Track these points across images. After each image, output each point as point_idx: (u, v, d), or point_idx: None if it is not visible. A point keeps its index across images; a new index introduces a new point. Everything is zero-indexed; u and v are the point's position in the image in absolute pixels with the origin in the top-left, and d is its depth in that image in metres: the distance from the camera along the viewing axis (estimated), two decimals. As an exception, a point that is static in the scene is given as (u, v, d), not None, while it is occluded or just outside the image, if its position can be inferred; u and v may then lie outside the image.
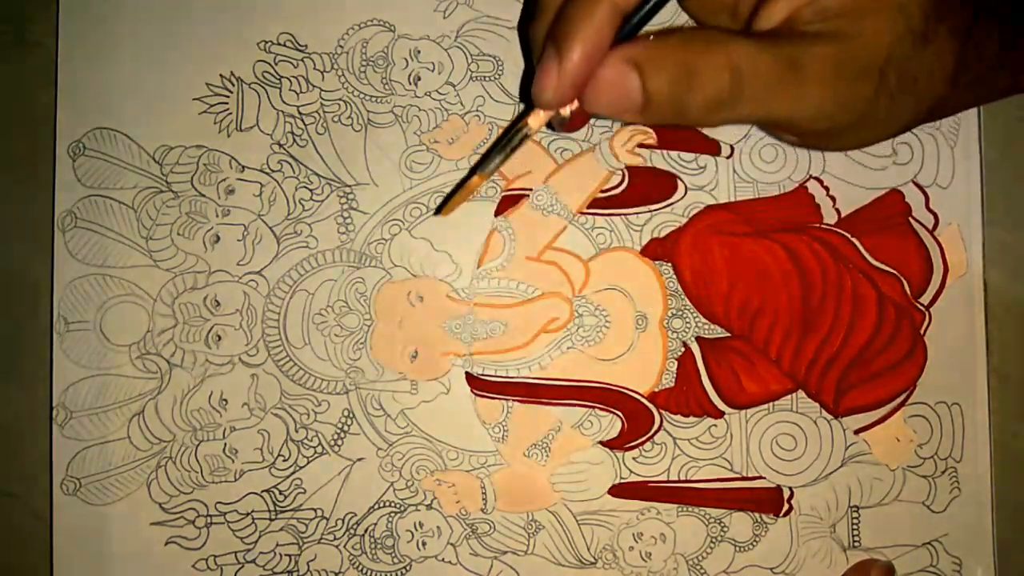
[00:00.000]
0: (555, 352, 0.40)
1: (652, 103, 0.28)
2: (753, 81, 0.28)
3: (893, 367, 0.40)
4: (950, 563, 0.40)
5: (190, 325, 0.39)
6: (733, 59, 0.27)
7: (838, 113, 0.29)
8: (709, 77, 0.27)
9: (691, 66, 0.27)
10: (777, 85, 0.28)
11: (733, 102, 0.28)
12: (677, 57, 0.27)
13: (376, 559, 0.39)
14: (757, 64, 0.27)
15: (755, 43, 0.28)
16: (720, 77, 0.27)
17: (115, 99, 0.39)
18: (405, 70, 0.40)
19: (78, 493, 0.39)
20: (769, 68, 0.28)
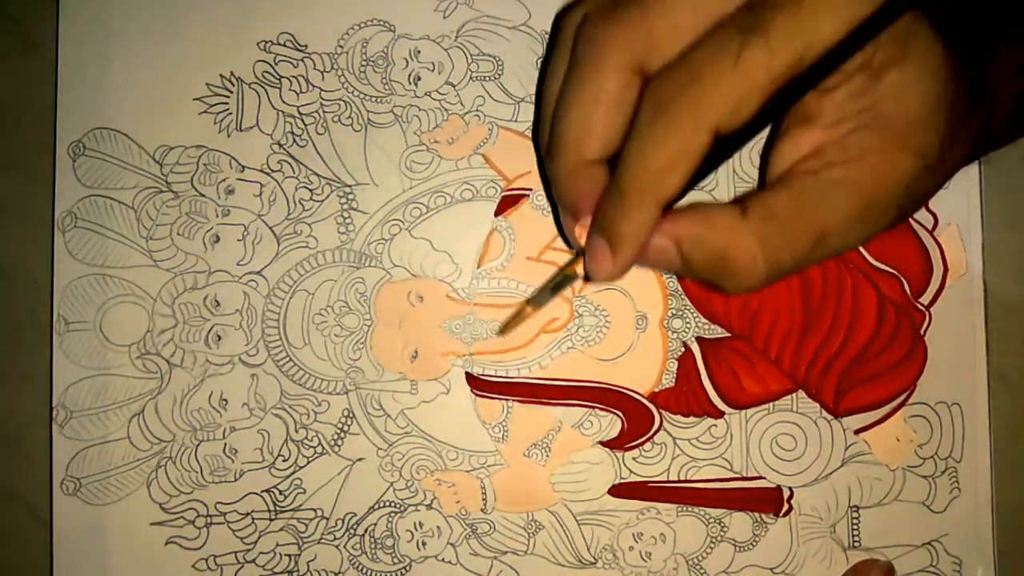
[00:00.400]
0: (555, 352, 0.40)
1: (693, 273, 0.30)
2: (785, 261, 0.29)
3: (893, 367, 0.40)
4: (950, 563, 0.40)
5: (190, 325, 0.39)
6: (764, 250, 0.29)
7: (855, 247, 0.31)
8: (739, 260, 0.29)
9: (722, 251, 0.29)
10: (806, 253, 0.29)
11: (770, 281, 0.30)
12: (712, 243, 0.29)
13: (376, 559, 0.39)
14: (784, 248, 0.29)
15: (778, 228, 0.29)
16: (748, 258, 0.29)
17: (115, 99, 0.39)
18: (405, 70, 0.40)
19: (78, 493, 0.39)
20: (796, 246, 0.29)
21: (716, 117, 0.26)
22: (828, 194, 0.29)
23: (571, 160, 0.30)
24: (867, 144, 0.29)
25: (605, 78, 0.28)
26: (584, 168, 0.30)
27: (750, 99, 0.26)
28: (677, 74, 0.27)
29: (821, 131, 0.30)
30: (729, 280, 0.30)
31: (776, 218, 0.29)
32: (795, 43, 0.25)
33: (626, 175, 0.28)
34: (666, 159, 0.27)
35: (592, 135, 0.29)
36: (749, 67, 0.25)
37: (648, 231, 0.29)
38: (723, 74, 0.26)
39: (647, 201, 0.28)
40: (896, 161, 0.29)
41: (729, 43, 0.26)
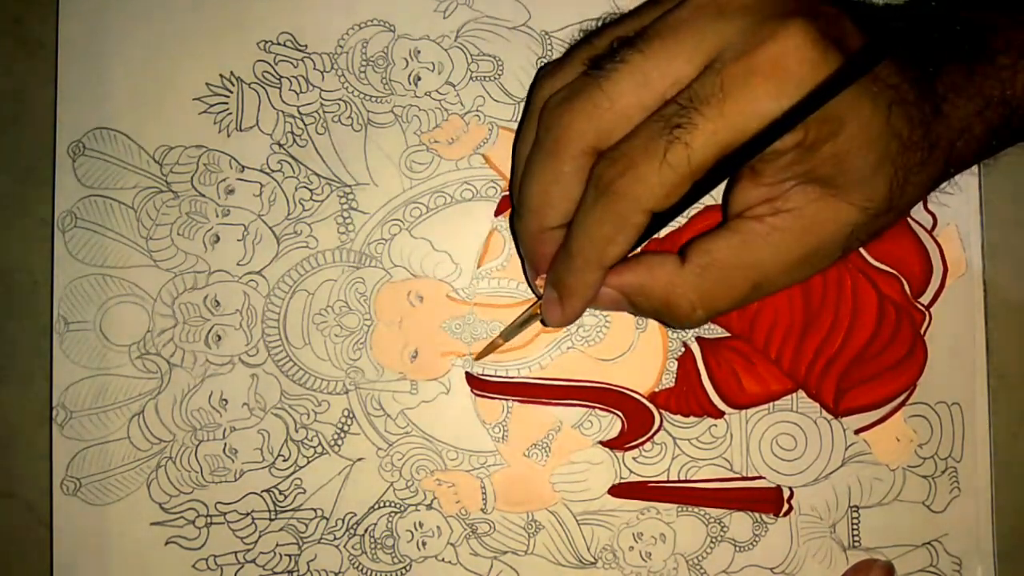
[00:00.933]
0: (555, 352, 0.40)
1: (642, 315, 0.35)
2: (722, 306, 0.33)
3: (893, 367, 0.40)
4: (950, 563, 0.40)
5: (190, 325, 0.39)
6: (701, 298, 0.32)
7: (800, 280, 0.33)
8: (679, 307, 0.32)
9: (663, 300, 0.32)
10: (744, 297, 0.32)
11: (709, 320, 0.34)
12: (653, 293, 0.33)
13: (376, 559, 0.39)
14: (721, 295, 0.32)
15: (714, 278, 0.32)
16: (687, 305, 0.32)
17: (115, 99, 0.39)
18: (405, 70, 0.40)
19: (78, 493, 0.39)
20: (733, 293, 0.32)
21: (649, 202, 0.29)
22: (770, 240, 0.32)
23: (533, 226, 0.33)
24: (810, 195, 0.31)
25: (562, 162, 0.31)
26: (544, 232, 0.33)
27: (678, 186, 0.29)
28: (615, 163, 0.29)
29: (767, 186, 0.32)
30: (673, 322, 0.33)
31: (714, 267, 0.32)
32: (716, 142, 0.28)
33: (574, 243, 0.31)
34: (606, 234, 0.30)
35: (551, 208, 0.32)
36: (675, 164, 0.28)
37: (593, 288, 0.32)
38: (652, 167, 0.28)
39: (591, 266, 0.31)
40: (839, 211, 0.31)
41: (659, 139, 0.28)
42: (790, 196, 0.31)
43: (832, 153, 0.30)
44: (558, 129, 0.31)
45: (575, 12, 0.40)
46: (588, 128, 0.30)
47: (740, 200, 0.33)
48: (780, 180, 0.31)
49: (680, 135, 0.28)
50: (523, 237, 0.34)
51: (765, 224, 0.32)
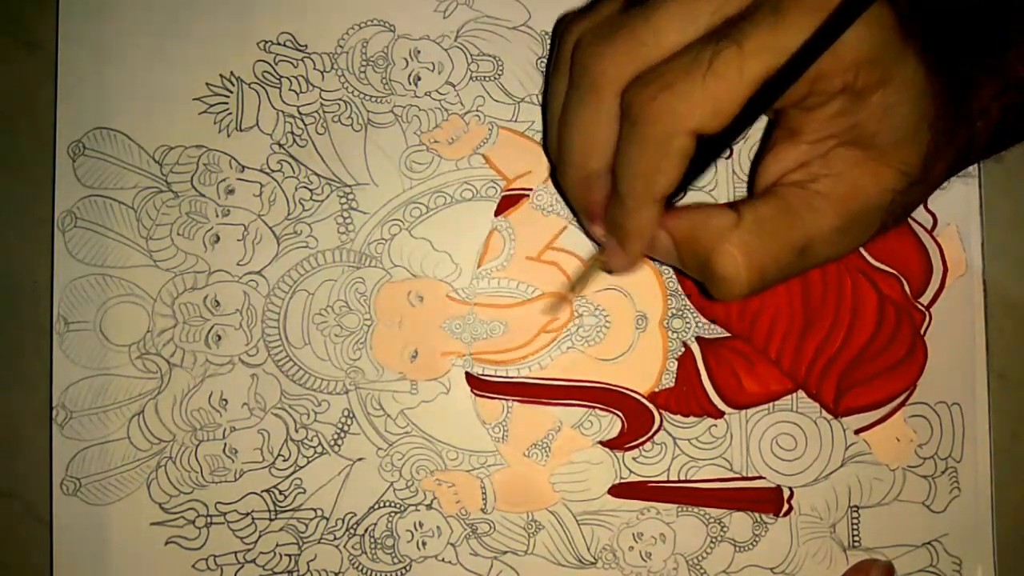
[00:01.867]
0: (555, 352, 0.40)
1: (688, 272, 0.33)
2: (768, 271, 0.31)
3: (893, 367, 0.40)
4: (950, 563, 0.40)
5: (190, 325, 0.39)
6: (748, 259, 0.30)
7: (839, 258, 0.32)
8: (724, 268, 0.31)
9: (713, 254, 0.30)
10: (789, 263, 0.31)
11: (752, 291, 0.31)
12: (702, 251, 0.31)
13: (376, 559, 0.39)
14: (768, 258, 0.30)
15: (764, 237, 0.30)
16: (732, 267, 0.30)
17: (115, 99, 0.39)
18: (405, 70, 0.40)
19: (78, 493, 0.39)
20: (780, 256, 0.31)
21: (694, 121, 0.27)
22: (813, 206, 0.30)
23: (578, 174, 0.32)
24: (850, 159, 0.30)
25: (602, 101, 0.29)
26: (591, 178, 0.31)
27: (728, 102, 0.27)
28: (647, 86, 0.28)
29: (807, 146, 0.31)
30: (714, 284, 0.31)
31: (764, 228, 0.30)
32: (769, 49, 0.27)
33: (621, 181, 0.30)
34: (651, 163, 0.29)
35: (594, 151, 0.31)
36: (723, 73, 0.27)
37: (650, 227, 0.31)
38: (695, 81, 0.27)
39: (643, 201, 0.30)
40: (879, 176, 0.30)
41: (702, 53, 0.27)
42: (829, 160, 0.31)
43: (880, 103, 0.29)
44: (597, 66, 0.29)
45: (575, 12, 0.40)
46: (629, 64, 0.28)
47: (775, 167, 0.32)
48: (822, 137, 0.30)
49: (730, 44, 0.27)
50: (569, 188, 0.33)
51: (807, 190, 0.31)
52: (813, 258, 0.31)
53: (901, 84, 0.29)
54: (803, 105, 0.30)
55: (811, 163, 0.31)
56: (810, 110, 0.30)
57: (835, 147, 0.31)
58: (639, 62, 0.28)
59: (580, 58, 0.30)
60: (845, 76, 0.28)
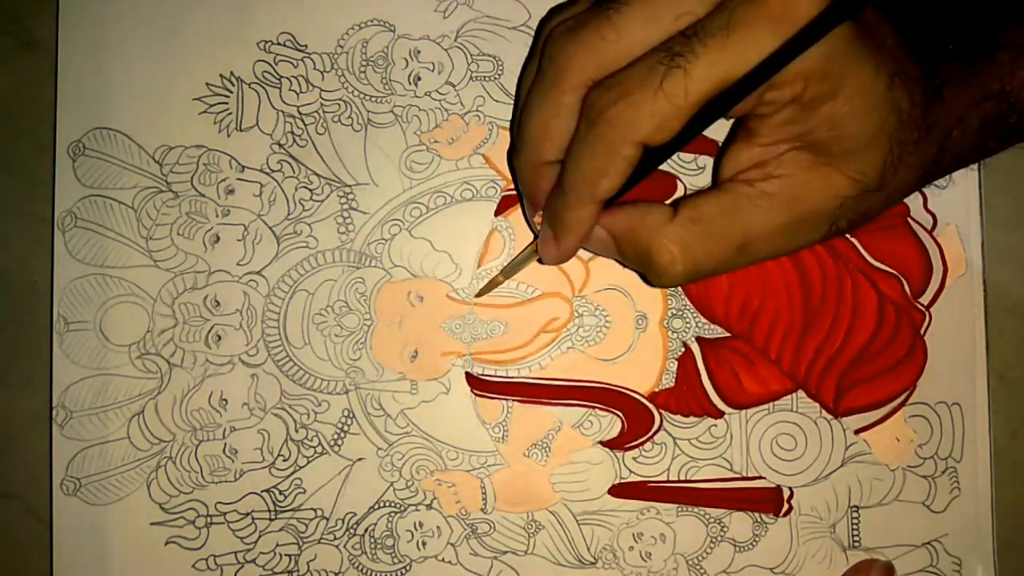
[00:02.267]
0: (555, 352, 0.40)
1: (628, 264, 0.34)
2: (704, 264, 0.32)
3: (893, 367, 0.40)
4: (950, 563, 0.40)
5: (190, 325, 0.39)
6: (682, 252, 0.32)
7: (784, 255, 0.33)
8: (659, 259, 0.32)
9: (646, 249, 0.32)
10: (726, 258, 0.32)
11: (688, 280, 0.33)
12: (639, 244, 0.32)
13: (376, 559, 0.39)
14: (703, 252, 0.32)
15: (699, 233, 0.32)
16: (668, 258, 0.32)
17: (115, 99, 0.39)
18: (405, 70, 0.40)
19: (78, 493, 0.39)
20: (715, 251, 0.32)
21: (642, 133, 0.29)
22: (758, 204, 0.31)
23: (532, 160, 0.33)
24: (803, 163, 0.31)
25: (563, 93, 0.30)
26: (542, 167, 0.32)
27: (673, 119, 0.28)
28: (608, 91, 0.29)
29: (760, 148, 0.32)
30: (652, 275, 0.33)
31: (700, 223, 0.32)
32: (714, 75, 0.28)
33: (567, 177, 0.31)
34: (598, 165, 0.30)
35: (549, 140, 0.32)
36: (671, 93, 0.28)
37: (587, 225, 0.32)
38: (647, 96, 0.28)
39: (584, 200, 0.31)
40: (830, 182, 0.31)
41: (656, 68, 0.28)
42: (782, 161, 0.31)
43: (829, 115, 0.30)
44: (561, 59, 0.30)
45: (575, 12, 0.40)
46: (591, 60, 0.30)
47: (732, 163, 0.33)
48: (774, 141, 0.31)
49: (680, 63, 0.28)
50: (521, 172, 0.34)
51: (755, 188, 0.31)
52: (753, 254, 0.32)
53: (854, 95, 0.29)
54: (753, 112, 0.30)
55: (766, 163, 0.32)
56: (762, 117, 0.31)
57: (788, 151, 0.31)
58: (601, 59, 0.29)
59: (548, 49, 0.31)
60: (793, 88, 0.29)
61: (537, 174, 0.33)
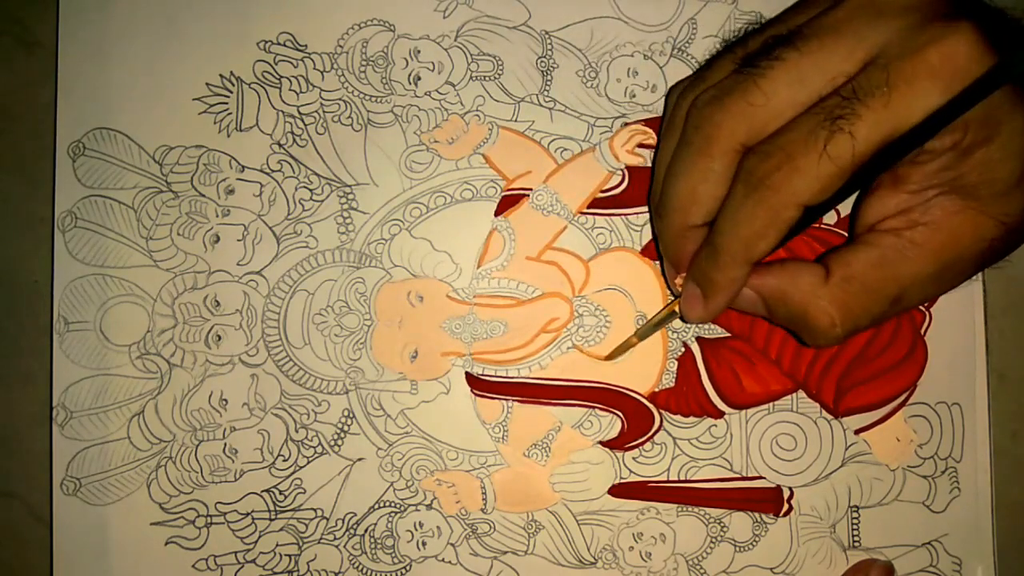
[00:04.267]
0: (555, 352, 0.40)
1: (778, 323, 0.34)
2: (861, 322, 0.32)
3: (893, 367, 0.40)
4: (950, 563, 0.40)
5: (190, 325, 0.39)
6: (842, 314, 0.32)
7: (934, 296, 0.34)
8: (818, 321, 0.32)
9: (802, 311, 0.32)
10: (881, 314, 0.32)
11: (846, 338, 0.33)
12: (793, 303, 0.32)
13: (376, 559, 0.39)
14: (861, 310, 0.32)
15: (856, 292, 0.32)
16: (827, 321, 0.32)
17: (115, 99, 0.39)
18: (405, 70, 0.40)
19: (78, 493, 0.39)
20: (872, 308, 0.32)
21: (805, 196, 0.29)
22: (907, 256, 0.31)
23: (677, 224, 0.33)
24: (950, 208, 0.31)
25: (713, 160, 0.31)
26: (688, 231, 0.33)
27: (837, 180, 0.29)
28: (769, 157, 0.29)
29: (908, 195, 0.32)
30: (808, 336, 0.33)
31: (855, 281, 0.32)
32: (880, 133, 0.28)
33: (720, 238, 0.31)
34: (757, 229, 0.30)
35: (698, 205, 0.32)
36: (836, 155, 0.28)
37: (738, 284, 0.32)
38: (811, 160, 0.28)
39: (737, 261, 0.31)
40: (977, 225, 0.31)
41: (819, 131, 0.28)
42: (930, 208, 0.31)
43: (984, 159, 0.30)
44: (709, 127, 0.31)
45: (575, 12, 0.40)
46: (740, 125, 0.30)
47: (875, 211, 0.33)
48: (924, 187, 0.31)
49: (843, 126, 0.28)
50: (666, 236, 0.34)
51: (903, 238, 0.32)
52: (906, 304, 0.32)
53: (1008, 140, 0.29)
54: (910, 160, 0.30)
55: (911, 210, 0.32)
56: (917, 164, 0.31)
57: (936, 196, 0.31)
58: (750, 124, 0.30)
59: (694, 118, 0.31)
60: (954, 136, 0.29)
61: (684, 237, 0.33)
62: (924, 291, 0.32)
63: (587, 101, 0.40)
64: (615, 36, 0.40)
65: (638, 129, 0.40)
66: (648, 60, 0.40)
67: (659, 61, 0.40)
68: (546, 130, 0.40)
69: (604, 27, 0.40)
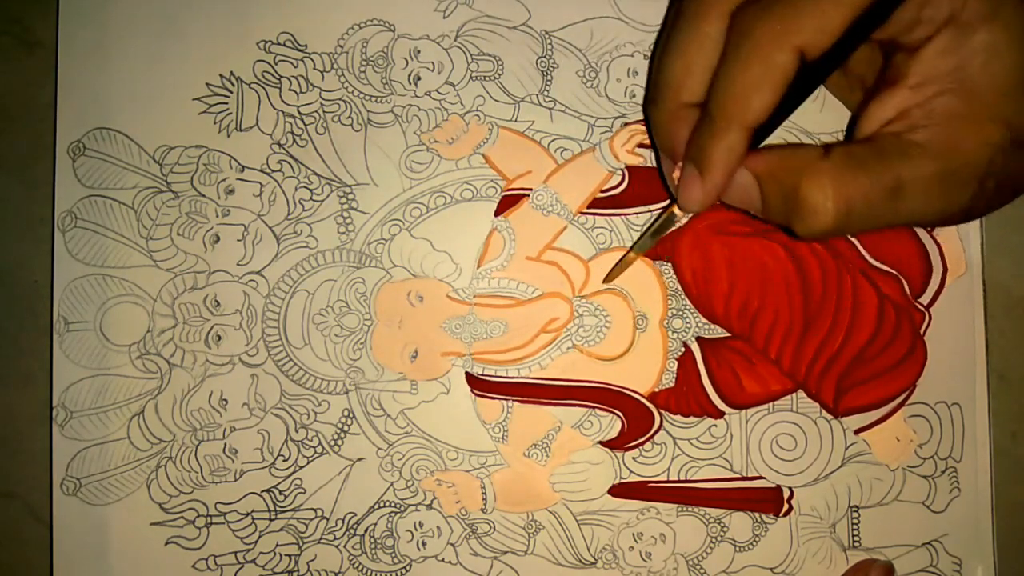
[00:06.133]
0: (555, 352, 0.40)
1: (770, 212, 0.31)
2: (856, 207, 0.30)
3: (893, 367, 0.40)
4: (950, 563, 0.40)
5: (190, 325, 0.39)
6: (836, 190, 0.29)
7: (933, 219, 0.31)
8: (811, 197, 0.30)
9: (796, 186, 0.30)
10: (879, 204, 0.30)
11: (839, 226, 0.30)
12: (788, 182, 0.30)
13: (376, 559, 0.39)
14: (857, 191, 0.29)
15: (854, 169, 0.29)
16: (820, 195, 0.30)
17: (115, 99, 0.39)
18: (405, 70, 0.40)
19: (78, 493, 0.39)
20: (870, 192, 0.30)
21: (799, 36, 0.27)
22: (909, 153, 0.29)
23: (671, 104, 0.31)
24: (952, 109, 0.29)
25: (707, 23, 0.29)
26: (682, 111, 0.31)
27: (836, 18, 0.27)
28: (758, 1, 0.28)
29: (908, 93, 0.30)
30: (799, 220, 0.30)
31: (855, 160, 0.29)
32: None
33: (714, 100, 0.29)
34: (751, 79, 0.28)
35: (691, 77, 0.30)
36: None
37: (736, 156, 0.30)
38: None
39: (734, 124, 0.29)
40: (981, 129, 0.29)
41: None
42: (931, 109, 0.30)
43: (985, 43, 0.28)
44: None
45: (575, 12, 0.40)
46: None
47: (875, 115, 0.31)
48: (924, 81, 0.30)
49: None
50: (660, 118, 0.32)
51: (903, 139, 0.30)
52: (905, 205, 0.30)
53: (1009, 24, 0.28)
54: (907, 40, 0.29)
55: (911, 111, 0.30)
56: (914, 51, 0.29)
57: (937, 95, 0.30)
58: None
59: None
60: (952, 3, 0.28)
61: (677, 118, 0.31)
62: (925, 194, 0.30)
63: (587, 101, 0.40)
64: (615, 36, 0.40)
65: (638, 129, 0.40)
66: (648, 60, 0.40)
67: None
68: (546, 130, 0.40)
69: (604, 27, 0.40)
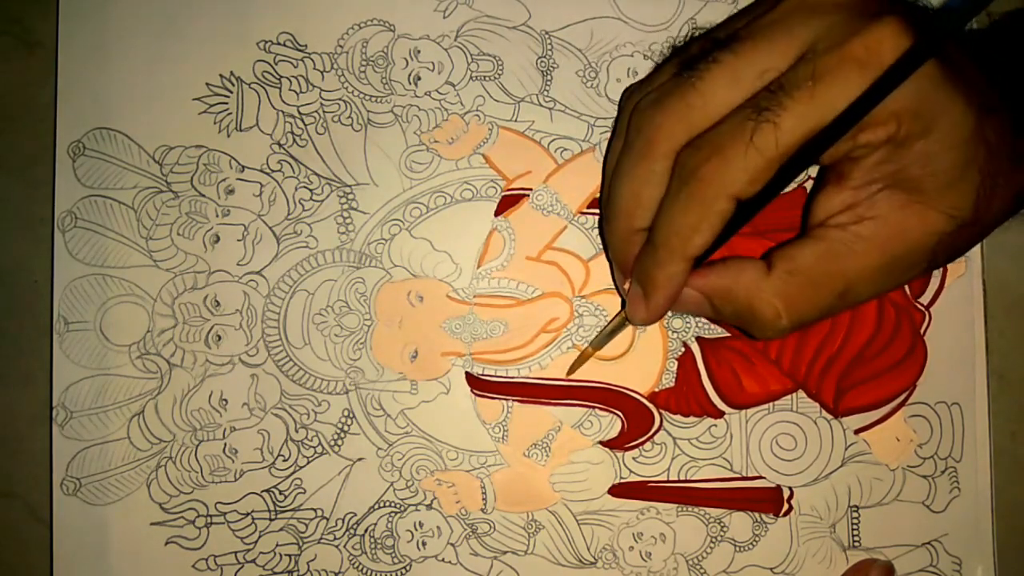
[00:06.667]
0: (555, 352, 0.40)
1: (724, 320, 0.34)
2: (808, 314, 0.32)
3: (893, 367, 0.40)
4: (950, 563, 0.40)
5: (190, 325, 0.39)
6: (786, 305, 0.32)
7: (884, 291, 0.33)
8: (763, 314, 0.32)
9: (747, 305, 0.32)
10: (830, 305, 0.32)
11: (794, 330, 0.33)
12: (738, 298, 0.32)
13: (376, 559, 0.39)
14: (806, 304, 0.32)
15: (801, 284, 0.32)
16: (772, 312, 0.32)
17: (115, 99, 0.39)
18: (405, 70, 0.40)
19: (78, 493, 0.39)
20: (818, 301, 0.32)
21: (734, 188, 0.29)
22: (854, 248, 0.31)
23: (622, 228, 0.33)
24: (896, 202, 0.31)
25: (653, 161, 0.31)
26: (633, 234, 0.33)
27: (764, 171, 0.29)
28: (700, 150, 0.30)
29: (852, 191, 0.32)
30: (756, 330, 0.33)
31: (800, 274, 0.32)
32: (805, 124, 0.28)
33: (658, 233, 0.31)
34: (691, 222, 0.30)
35: (640, 208, 0.32)
36: (762, 146, 0.28)
37: (677, 282, 0.32)
38: (739, 151, 0.29)
39: (675, 256, 0.31)
40: (925, 219, 0.31)
41: (745, 124, 0.29)
42: (875, 203, 0.31)
43: (922, 152, 0.30)
44: (649, 129, 0.31)
45: (575, 12, 0.40)
46: (679, 126, 0.30)
47: (823, 208, 0.33)
48: (867, 182, 0.31)
49: (769, 117, 0.28)
50: (612, 240, 0.34)
51: (849, 232, 0.32)
52: (855, 298, 0.32)
53: (945, 132, 0.29)
54: (847, 156, 0.31)
55: (857, 205, 0.32)
56: (855, 159, 0.31)
57: (880, 191, 0.31)
58: (688, 125, 0.30)
59: (635, 122, 0.32)
60: (887, 128, 0.29)
61: (628, 241, 0.33)
62: (873, 285, 0.32)
63: (587, 101, 0.40)
64: (615, 36, 0.40)
65: (638, 129, 0.40)
66: (648, 60, 0.40)
67: (659, 61, 0.40)
68: (546, 130, 0.40)
69: (604, 27, 0.40)
